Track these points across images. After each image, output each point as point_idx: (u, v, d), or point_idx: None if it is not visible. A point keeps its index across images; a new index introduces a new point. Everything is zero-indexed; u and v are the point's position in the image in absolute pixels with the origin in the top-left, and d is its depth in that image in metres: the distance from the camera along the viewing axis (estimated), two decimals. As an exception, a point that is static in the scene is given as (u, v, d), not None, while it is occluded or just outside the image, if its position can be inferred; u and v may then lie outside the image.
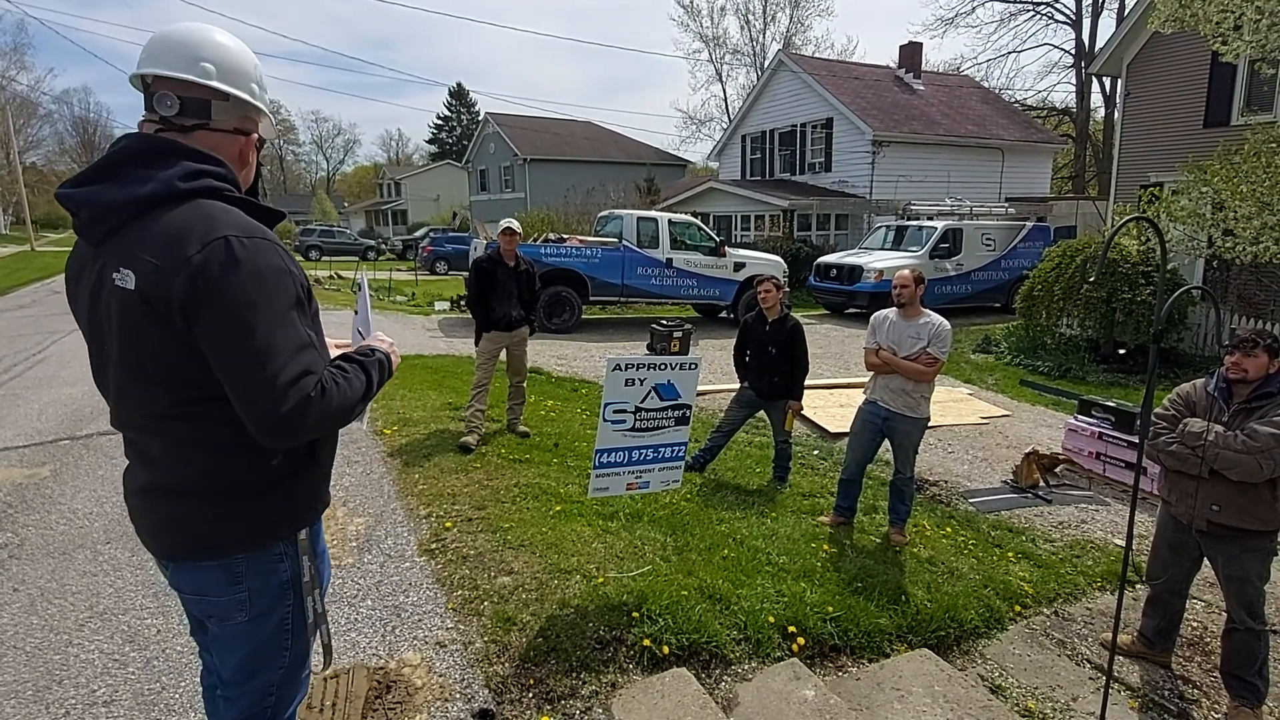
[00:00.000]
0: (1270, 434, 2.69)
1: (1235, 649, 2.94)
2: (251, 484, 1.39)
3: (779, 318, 4.70)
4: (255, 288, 1.24)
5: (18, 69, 43.69)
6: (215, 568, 1.41)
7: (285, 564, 1.47)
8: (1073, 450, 5.74)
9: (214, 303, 1.22)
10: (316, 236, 30.41)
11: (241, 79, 1.40)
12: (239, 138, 1.43)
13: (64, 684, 2.53)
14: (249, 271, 1.24)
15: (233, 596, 1.43)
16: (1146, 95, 11.87)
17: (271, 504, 1.42)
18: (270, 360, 1.24)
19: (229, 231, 1.25)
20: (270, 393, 1.24)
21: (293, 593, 1.49)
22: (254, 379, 1.24)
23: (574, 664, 2.68)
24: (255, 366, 1.24)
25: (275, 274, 1.28)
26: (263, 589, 1.45)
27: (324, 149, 75.36)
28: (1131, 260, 8.91)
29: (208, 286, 1.22)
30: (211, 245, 1.23)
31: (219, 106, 1.38)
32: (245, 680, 1.51)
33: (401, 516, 3.94)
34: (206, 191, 1.31)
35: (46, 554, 3.48)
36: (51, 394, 6.53)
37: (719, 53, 42.82)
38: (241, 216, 1.31)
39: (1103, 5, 28.71)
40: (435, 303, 14.57)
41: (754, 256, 12.69)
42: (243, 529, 1.41)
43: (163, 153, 1.30)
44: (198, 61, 1.34)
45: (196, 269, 1.21)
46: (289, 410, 1.24)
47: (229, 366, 1.26)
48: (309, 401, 1.26)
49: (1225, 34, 6.94)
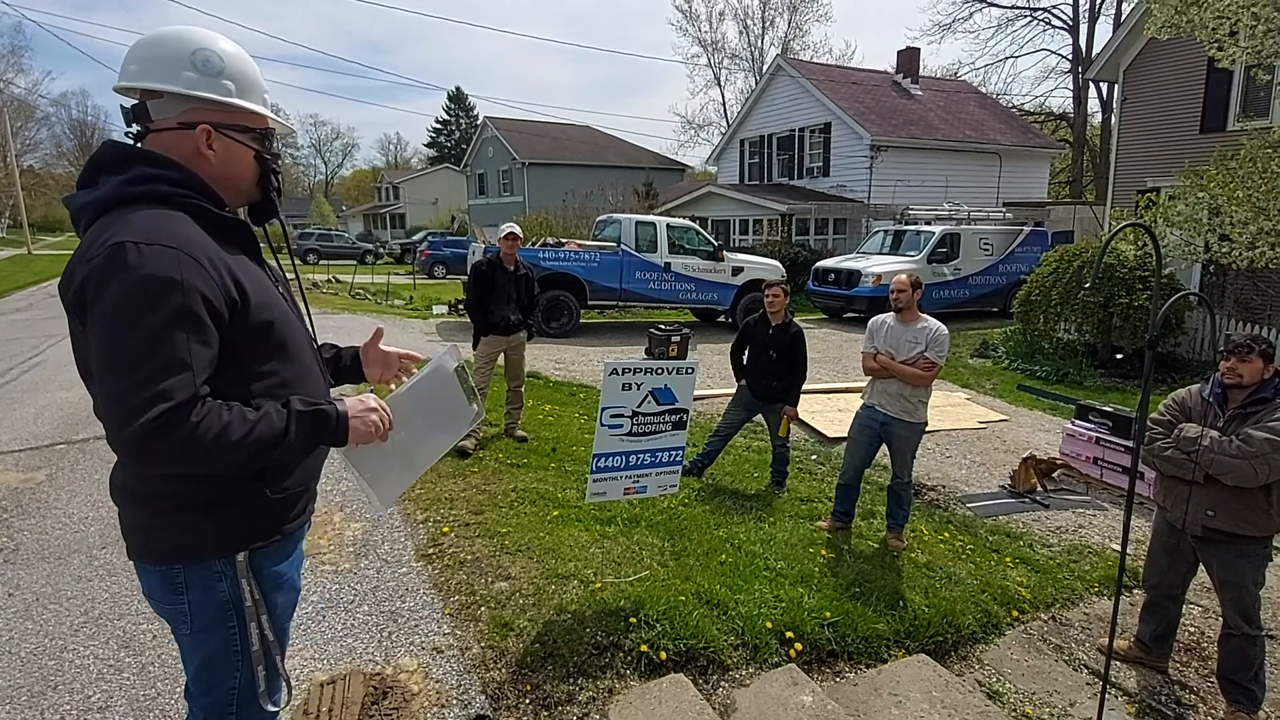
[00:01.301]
0: (1265, 439, 2.70)
1: (1231, 654, 2.94)
2: (190, 497, 1.35)
3: (782, 323, 4.72)
4: (133, 297, 1.19)
5: (15, 71, 43.56)
6: (156, 574, 1.40)
7: (224, 584, 1.41)
8: (1070, 455, 5.75)
9: (93, 307, 1.21)
10: (314, 240, 30.39)
11: (167, 71, 1.33)
12: (188, 132, 1.35)
13: (58, 690, 2.52)
14: (130, 280, 1.19)
15: (175, 606, 1.41)
16: (1143, 101, 11.92)
17: (210, 520, 1.38)
18: (125, 375, 1.18)
19: (129, 237, 1.21)
20: (118, 409, 1.18)
21: (234, 614, 1.43)
22: (108, 391, 1.19)
23: (571, 670, 2.67)
24: (111, 378, 1.19)
25: (160, 285, 1.20)
26: (203, 604, 1.41)
27: (322, 153, 75.44)
28: (1128, 265, 8.94)
29: (91, 290, 1.21)
30: (107, 250, 1.20)
31: (155, 105, 1.35)
32: (203, 693, 1.49)
33: (398, 521, 3.93)
34: (155, 196, 1.29)
35: (41, 559, 3.47)
36: (47, 398, 6.52)
37: (717, 57, 43.03)
38: (166, 224, 1.26)
39: (1100, 11, 28.90)
40: (433, 306, 14.57)
41: (752, 261, 12.70)
42: (177, 539, 1.37)
43: (123, 159, 1.31)
44: (126, 66, 1.35)
45: (87, 273, 1.21)
46: (134, 431, 1.16)
47: (96, 373, 1.23)
48: (157, 427, 1.16)
49: (1221, 40, 6.97)
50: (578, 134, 35.79)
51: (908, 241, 13.87)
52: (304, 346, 1.50)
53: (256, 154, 1.44)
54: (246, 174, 1.44)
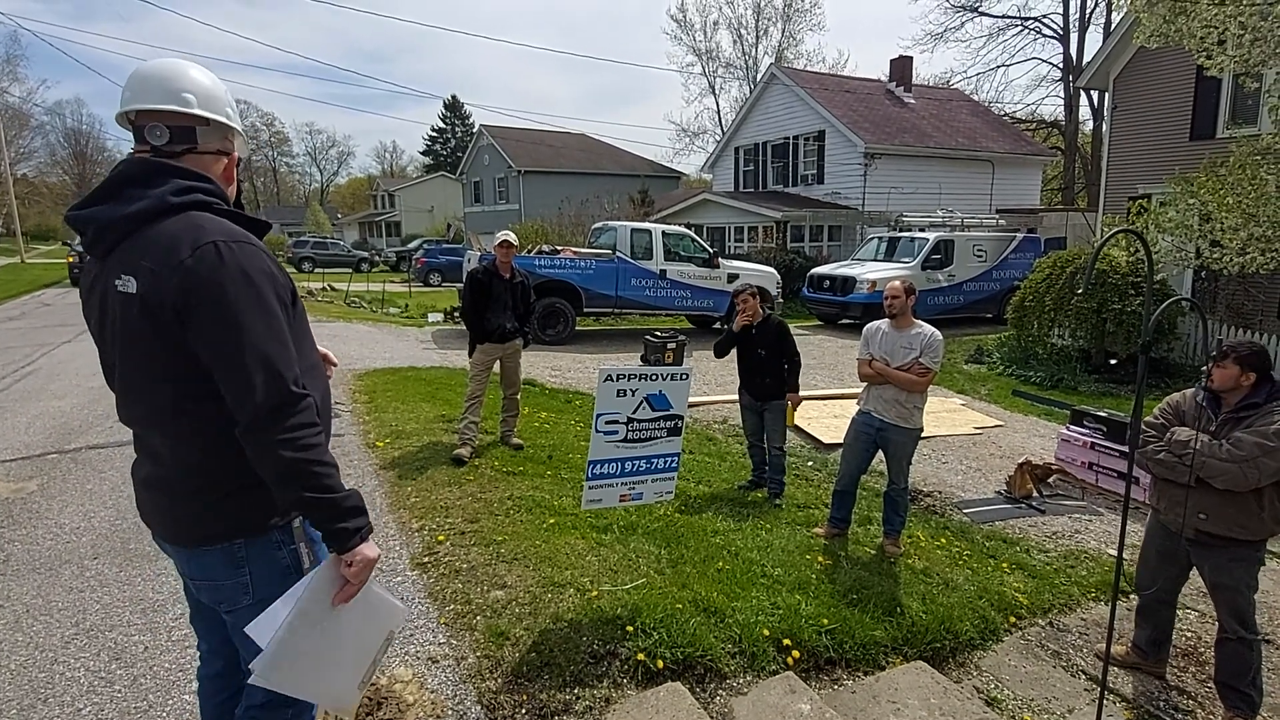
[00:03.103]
0: (1255, 443, 2.72)
1: (1228, 659, 2.94)
2: (242, 477, 1.46)
3: (762, 320, 4.77)
4: (242, 287, 1.37)
5: (10, 80, 43.61)
6: (216, 552, 1.52)
7: (284, 551, 1.56)
8: (1065, 460, 5.76)
9: (205, 301, 1.35)
10: (309, 248, 30.34)
11: (218, 105, 1.55)
12: (221, 158, 1.58)
13: (49, 702, 2.49)
14: (235, 272, 1.36)
15: (236, 580, 1.53)
16: (1134, 108, 12.03)
17: (256, 496, 1.49)
18: (255, 351, 1.35)
19: (217, 237, 1.38)
20: (260, 384, 1.35)
21: (296, 578, 1.53)
22: (241, 370, 1.35)
23: (568, 679, 2.65)
24: (242, 358, 1.35)
25: (260, 275, 1.40)
26: (265, 575, 1.54)
27: (318, 161, 75.45)
28: (1121, 271, 8.99)
29: (199, 286, 1.34)
30: (201, 249, 1.36)
31: (202, 131, 1.53)
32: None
33: (394, 530, 3.91)
34: (197, 205, 1.44)
35: (32, 569, 3.44)
36: (40, 406, 6.48)
37: (712, 66, 43.41)
38: (229, 225, 1.44)
39: (1090, 20, 29.19)
40: (429, 314, 14.56)
41: (747, 268, 12.74)
42: (236, 517, 1.51)
43: (157, 173, 1.44)
44: (180, 93, 1.50)
45: (188, 271, 1.34)
46: (285, 397, 1.36)
47: (219, 358, 1.37)
48: (294, 397, 1.37)
49: (1210, 49, 7.03)
50: (573, 142, 35.90)
51: (902, 248, 13.93)
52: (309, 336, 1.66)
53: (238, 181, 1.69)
54: (234, 194, 1.66)
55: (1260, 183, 7.34)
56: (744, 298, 4.77)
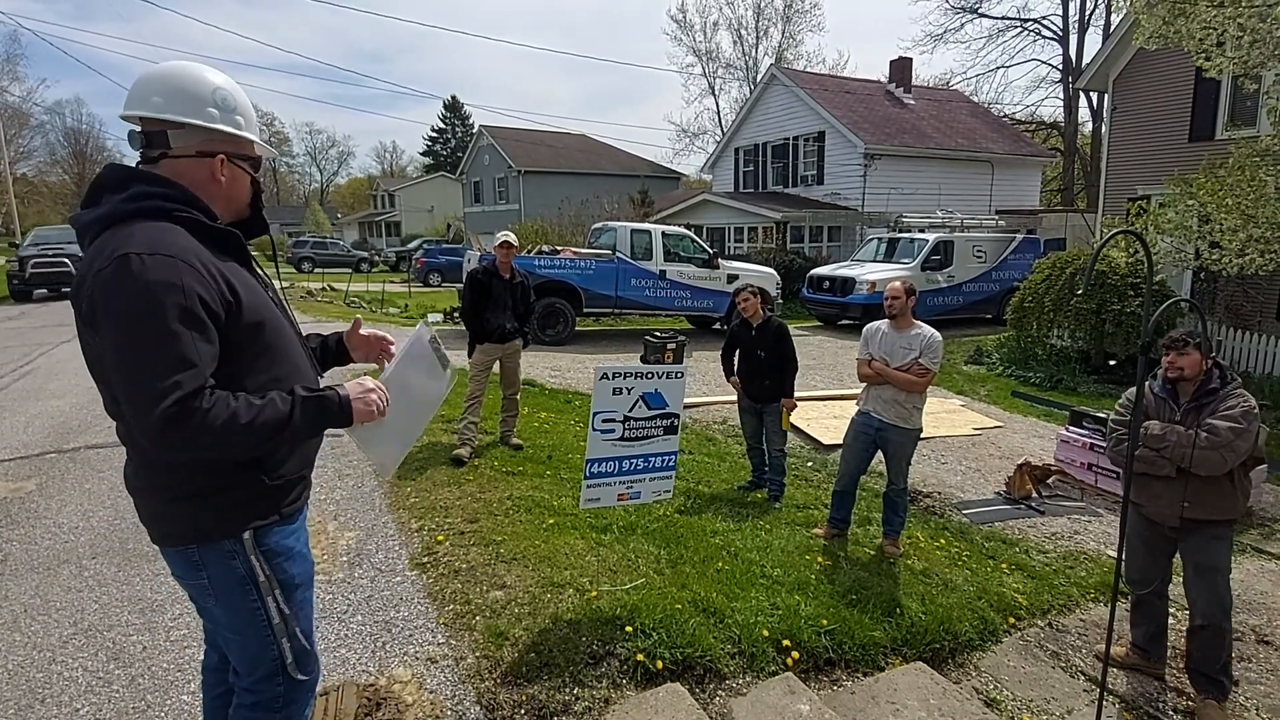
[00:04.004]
0: (1228, 428, 2.83)
1: (1202, 646, 3.02)
2: (186, 487, 1.48)
3: (762, 321, 4.76)
4: (140, 302, 1.31)
5: (10, 79, 43.49)
6: (176, 553, 1.55)
7: (237, 560, 1.54)
8: (1065, 461, 5.77)
9: (102, 313, 1.33)
10: (309, 248, 30.32)
11: (192, 106, 1.50)
12: (205, 160, 1.52)
13: (46, 702, 2.48)
14: (137, 286, 1.32)
15: (197, 582, 1.56)
16: (1133, 110, 12.04)
17: (210, 505, 1.50)
18: (141, 371, 1.31)
19: (134, 249, 1.34)
20: (138, 403, 1.32)
21: (253, 589, 1.56)
22: (127, 388, 1.33)
23: (567, 679, 2.65)
24: (128, 376, 1.33)
25: (164, 290, 1.33)
26: (222, 581, 1.54)
27: (318, 161, 75.36)
28: (1120, 272, 9.00)
29: (101, 298, 1.33)
30: (115, 260, 1.33)
31: (175, 134, 1.49)
32: (248, 672, 1.63)
33: (393, 530, 3.91)
34: (152, 212, 1.41)
35: (31, 569, 3.43)
36: (38, 406, 6.47)
37: (712, 67, 43.37)
38: (165, 235, 1.38)
39: (1089, 22, 29.20)
40: (428, 314, 14.54)
41: (747, 269, 12.73)
42: (187, 524, 1.51)
43: (123, 180, 1.45)
44: (148, 98, 1.48)
45: (96, 281, 1.34)
46: (155, 420, 1.29)
47: (113, 373, 1.36)
48: (173, 415, 1.30)
49: (1209, 50, 7.04)
50: (573, 142, 35.90)
51: (902, 249, 13.93)
52: (292, 344, 1.63)
53: (252, 178, 1.64)
54: (245, 195, 1.63)
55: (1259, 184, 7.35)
56: (744, 296, 4.77)
